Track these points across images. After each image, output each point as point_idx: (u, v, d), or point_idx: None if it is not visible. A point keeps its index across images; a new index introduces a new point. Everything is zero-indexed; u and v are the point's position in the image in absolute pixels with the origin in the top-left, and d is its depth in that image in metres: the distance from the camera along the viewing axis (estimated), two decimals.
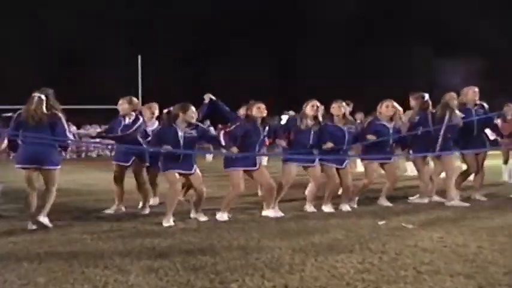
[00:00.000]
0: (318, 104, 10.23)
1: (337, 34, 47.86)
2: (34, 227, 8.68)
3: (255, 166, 9.70)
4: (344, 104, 10.70)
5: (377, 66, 42.55)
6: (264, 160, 14.63)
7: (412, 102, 11.61)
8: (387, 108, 10.94)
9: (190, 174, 9.39)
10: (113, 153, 11.89)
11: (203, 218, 9.48)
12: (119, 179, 10.48)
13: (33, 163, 8.73)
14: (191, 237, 7.95)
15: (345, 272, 5.98)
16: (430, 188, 11.43)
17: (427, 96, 11.38)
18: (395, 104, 10.98)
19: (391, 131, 10.91)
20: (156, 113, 11.27)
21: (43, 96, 8.73)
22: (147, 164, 10.66)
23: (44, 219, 8.75)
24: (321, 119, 10.28)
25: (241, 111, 10.83)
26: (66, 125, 8.88)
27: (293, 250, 6.98)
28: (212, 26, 48.47)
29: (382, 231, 8.27)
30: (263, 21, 49.88)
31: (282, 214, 9.82)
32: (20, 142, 8.85)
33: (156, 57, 44.57)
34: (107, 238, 7.91)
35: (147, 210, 10.36)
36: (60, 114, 8.81)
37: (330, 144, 10.17)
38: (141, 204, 10.64)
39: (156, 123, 11.11)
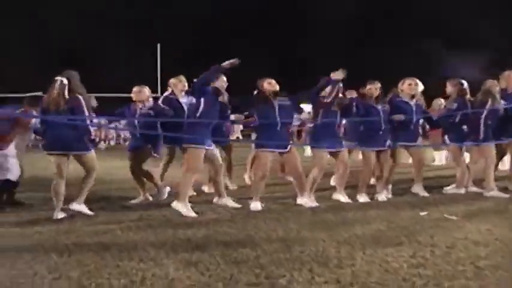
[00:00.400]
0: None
1: (337, 34, 47.68)
2: (60, 216, 8.34)
3: (286, 148, 9.32)
4: (379, 85, 10.25)
5: (377, 66, 42.26)
6: None
7: (450, 88, 11.11)
8: (410, 86, 10.52)
9: (209, 149, 9.04)
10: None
11: (232, 203, 9.26)
12: (133, 168, 10.05)
13: (59, 149, 8.37)
14: (226, 227, 7.54)
15: (397, 266, 5.56)
16: (466, 178, 10.97)
17: (466, 83, 10.91)
18: (418, 82, 10.54)
19: (414, 108, 10.47)
20: (186, 86, 10.71)
21: (65, 80, 8.32)
22: (156, 155, 10.17)
23: (77, 206, 8.49)
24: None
25: None
26: (85, 110, 8.39)
27: (337, 242, 6.57)
28: (212, 26, 48.21)
29: (425, 222, 7.84)
30: (263, 21, 49.71)
31: (317, 204, 9.41)
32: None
33: (155, 56, 44.36)
34: (137, 228, 7.51)
35: (164, 195, 10.02)
36: (81, 98, 8.36)
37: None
38: (141, 197, 10.12)
39: (186, 96, 10.49)
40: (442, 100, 14.87)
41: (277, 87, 9.34)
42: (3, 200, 9.34)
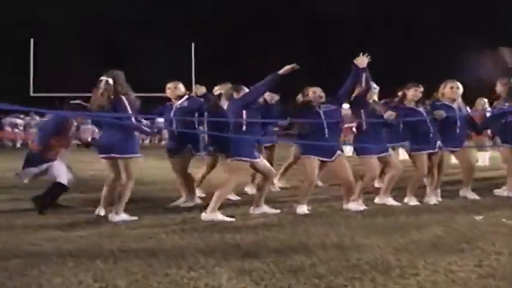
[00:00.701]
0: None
1: (337, 34, 47.27)
2: (102, 213, 8.38)
3: (331, 157, 8.94)
4: (422, 88, 9.88)
5: (377, 66, 41.70)
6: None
7: (500, 88, 10.69)
8: (451, 89, 10.03)
9: (257, 161, 8.64)
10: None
11: (270, 210, 8.83)
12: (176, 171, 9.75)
13: (104, 152, 8.22)
14: (275, 232, 7.21)
15: (465, 276, 5.20)
16: None
17: None
18: (459, 85, 10.09)
19: (457, 111, 10.01)
20: None
21: (110, 80, 8.03)
22: (197, 154, 9.81)
23: (117, 218, 8.11)
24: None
25: None
26: (128, 108, 8.10)
27: (395, 249, 6.21)
28: (212, 26, 47.94)
29: (483, 227, 7.44)
30: (263, 21, 49.36)
31: (365, 207, 9.07)
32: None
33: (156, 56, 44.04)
34: (182, 232, 7.22)
35: (191, 203, 9.52)
36: (125, 99, 8.07)
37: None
38: (183, 198, 9.72)
39: None
40: (485, 100, 14.48)
41: (323, 96, 9.02)
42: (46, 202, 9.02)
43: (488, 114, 12.37)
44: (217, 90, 10.06)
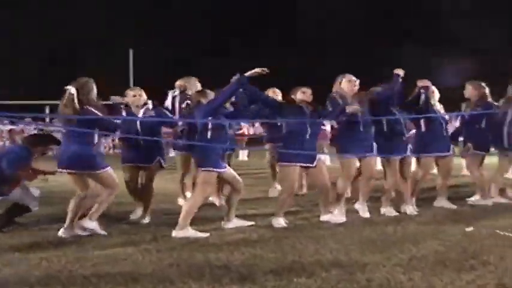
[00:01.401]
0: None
1: (337, 34, 47.38)
2: (64, 235, 7.40)
3: (312, 163, 8.33)
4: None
5: (377, 66, 41.79)
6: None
7: (471, 92, 10.27)
8: (433, 93, 9.69)
9: (224, 171, 7.99)
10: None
11: (242, 223, 8.19)
12: (132, 184, 9.02)
13: (64, 167, 7.52)
14: (259, 250, 6.53)
15: None
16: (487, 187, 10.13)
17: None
18: (435, 89, 9.78)
19: (446, 116, 9.95)
20: None
21: (72, 90, 7.30)
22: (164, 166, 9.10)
23: (90, 223, 7.48)
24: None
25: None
26: (100, 114, 7.44)
27: (401, 267, 5.67)
28: (212, 26, 47.73)
29: (480, 240, 6.97)
30: (263, 21, 49.31)
31: (344, 219, 8.50)
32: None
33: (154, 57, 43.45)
34: (158, 252, 6.47)
35: (147, 219, 8.70)
36: (93, 109, 7.36)
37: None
38: (138, 212, 8.97)
39: None
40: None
41: (311, 99, 8.51)
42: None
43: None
44: (180, 85, 9.47)
